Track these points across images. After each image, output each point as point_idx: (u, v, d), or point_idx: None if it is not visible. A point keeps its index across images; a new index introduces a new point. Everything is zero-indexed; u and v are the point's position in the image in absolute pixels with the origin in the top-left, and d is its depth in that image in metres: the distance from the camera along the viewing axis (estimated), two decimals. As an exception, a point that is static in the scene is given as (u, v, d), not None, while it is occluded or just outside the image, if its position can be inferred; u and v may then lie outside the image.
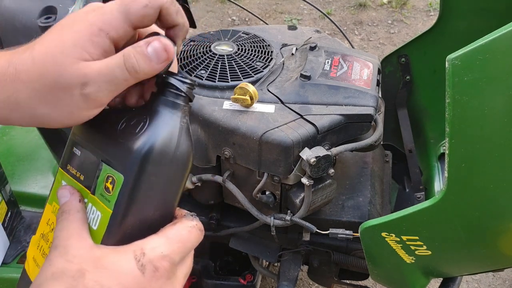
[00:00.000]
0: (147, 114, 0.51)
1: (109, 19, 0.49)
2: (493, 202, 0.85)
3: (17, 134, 1.65)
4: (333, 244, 1.27)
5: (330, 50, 1.23)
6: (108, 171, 0.50)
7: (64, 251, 0.48)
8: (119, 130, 0.51)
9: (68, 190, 0.54)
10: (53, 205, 0.56)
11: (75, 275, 0.46)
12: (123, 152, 0.50)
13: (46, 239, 0.55)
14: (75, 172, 0.54)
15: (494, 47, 0.69)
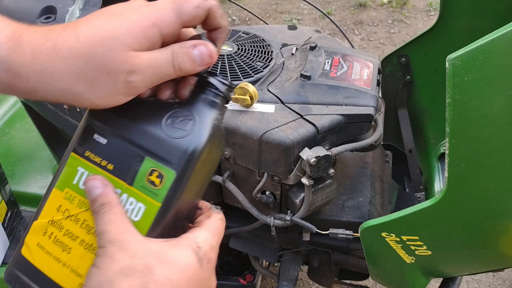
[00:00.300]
0: (193, 112, 0.53)
1: (162, 15, 0.51)
2: (493, 202, 0.85)
3: (17, 134, 1.65)
4: (333, 244, 1.27)
5: (330, 50, 1.23)
6: (153, 165, 0.52)
7: (123, 246, 0.49)
8: (165, 125, 0.52)
9: (100, 181, 0.53)
10: (65, 191, 0.54)
11: (144, 270, 0.48)
12: (173, 149, 0.52)
13: (59, 226, 0.54)
14: (99, 160, 0.54)
15: (494, 47, 0.69)
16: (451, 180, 0.82)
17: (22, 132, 1.66)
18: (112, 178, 0.53)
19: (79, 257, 0.53)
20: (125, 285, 0.47)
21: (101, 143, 0.54)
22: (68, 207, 0.54)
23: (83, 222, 0.54)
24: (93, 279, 0.48)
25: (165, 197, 0.52)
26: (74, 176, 0.54)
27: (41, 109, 1.29)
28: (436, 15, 1.36)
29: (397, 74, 1.48)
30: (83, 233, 0.53)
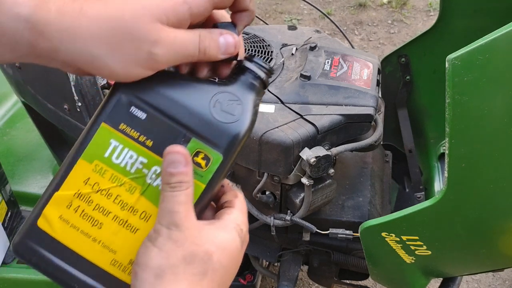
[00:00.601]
0: (238, 96, 0.53)
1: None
2: (493, 202, 0.85)
3: (18, 134, 1.65)
4: (333, 244, 1.27)
5: (330, 50, 1.23)
6: (200, 146, 0.51)
7: (188, 232, 0.49)
8: (212, 107, 0.52)
9: (185, 157, 0.50)
10: (94, 164, 0.52)
11: (204, 257, 0.48)
12: (222, 133, 0.52)
13: (88, 200, 0.52)
14: (136, 135, 0.51)
15: (494, 47, 0.69)
16: (451, 180, 0.82)
17: (22, 132, 1.66)
18: (151, 154, 0.52)
19: (113, 233, 0.52)
20: (189, 272, 0.47)
21: (139, 117, 0.51)
22: (98, 181, 0.52)
23: (116, 198, 0.52)
24: (155, 260, 0.48)
25: (210, 179, 0.52)
26: (106, 149, 0.51)
27: (42, 109, 1.29)
28: (436, 15, 1.36)
29: (397, 74, 1.48)
30: (117, 209, 0.52)
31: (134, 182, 0.52)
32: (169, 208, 0.49)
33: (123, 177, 0.52)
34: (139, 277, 0.48)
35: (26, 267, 1.31)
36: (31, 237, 0.53)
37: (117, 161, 0.51)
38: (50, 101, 1.22)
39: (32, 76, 1.23)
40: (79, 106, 1.14)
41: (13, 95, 1.70)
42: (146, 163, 0.52)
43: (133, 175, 0.52)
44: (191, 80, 0.53)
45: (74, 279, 0.52)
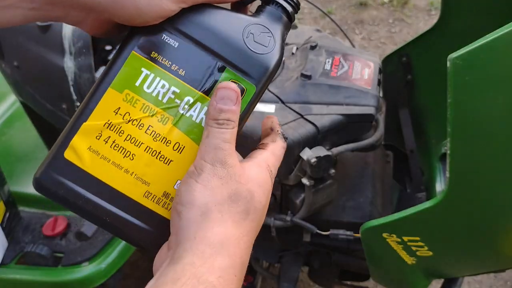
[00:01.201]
0: (269, 28, 0.53)
1: None
2: (494, 202, 0.85)
3: (16, 134, 1.65)
4: (333, 245, 1.27)
5: (330, 49, 1.22)
6: (234, 77, 0.51)
7: (233, 170, 0.48)
8: (245, 38, 0.51)
9: (237, 95, 0.50)
10: (125, 93, 0.50)
11: (248, 196, 0.48)
12: (257, 64, 0.52)
13: (119, 130, 0.50)
14: (168, 63, 0.50)
15: (495, 46, 0.68)
16: (453, 181, 0.81)
17: (20, 132, 1.65)
18: (184, 84, 0.51)
19: (145, 164, 0.51)
20: (233, 210, 0.47)
21: (171, 45, 0.50)
22: (129, 111, 0.50)
23: (148, 128, 0.50)
24: (200, 197, 0.46)
25: (243, 111, 0.52)
26: (137, 77, 0.50)
27: (40, 109, 1.29)
28: (437, 15, 1.36)
29: (398, 74, 1.47)
30: (149, 140, 0.51)
31: (167, 113, 0.50)
32: (214, 144, 0.48)
33: (155, 107, 0.50)
34: (183, 216, 0.46)
35: (24, 267, 1.30)
36: (58, 169, 0.51)
37: (148, 90, 0.50)
38: (49, 101, 1.22)
39: (30, 76, 1.23)
40: (78, 106, 1.14)
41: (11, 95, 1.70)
42: (179, 93, 0.51)
43: (166, 105, 0.50)
44: (223, 11, 0.52)
45: (105, 212, 0.51)
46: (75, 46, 1.06)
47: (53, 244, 1.33)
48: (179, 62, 0.50)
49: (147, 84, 0.50)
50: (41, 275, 1.28)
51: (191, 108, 0.51)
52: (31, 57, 1.16)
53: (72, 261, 1.27)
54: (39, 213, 1.44)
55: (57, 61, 1.09)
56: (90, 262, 1.27)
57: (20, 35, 1.16)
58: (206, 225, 0.45)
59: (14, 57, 1.21)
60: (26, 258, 1.30)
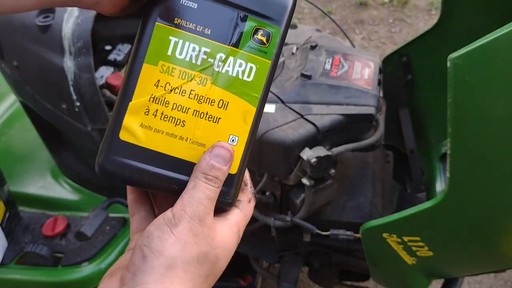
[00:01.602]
0: None
1: None
2: (495, 202, 0.85)
3: (16, 134, 1.65)
4: (333, 245, 1.27)
5: (330, 49, 1.22)
6: (258, 23, 0.52)
7: (207, 231, 0.49)
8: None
9: (231, 156, 0.52)
10: (160, 65, 0.51)
11: (213, 260, 0.49)
12: (275, 5, 0.52)
13: (164, 102, 0.52)
14: (193, 26, 0.51)
15: (495, 46, 0.68)
16: (453, 180, 0.81)
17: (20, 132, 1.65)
18: (212, 42, 0.51)
19: (197, 127, 0.52)
20: (197, 272, 0.48)
21: (191, 7, 0.51)
22: (168, 80, 0.51)
23: (190, 93, 0.52)
24: (170, 249, 0.47)
25: (274, 54, 0.53)
26: (167, 47, 0.51)
27: (40, 109, 1.29)
28: (437, 15, 1.36)
29: (398, 74, 1.47)
30: (194, 104, 0.52)
31: (203, 74, 0.52)
32: (198, 198, 0.49)
33: (191, 71, 0.51)
34: (148, 261, 0.46)
35: (24, 267, 1.30)
36: (117, 152, 0.52)
37: (181, 56, 0.51)
38: (49, 101, 1.22)
39: (30, 76, 1.23)
40: (78, 106, 1.14)
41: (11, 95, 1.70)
42: (210, 52, 0.51)
43: (201, 67, 0.51)
44: None
45: (173, 181, 0.52)
46: (74, 46, 1.06)
47: (53, 244, 1.33)
48: (203, 22, 0.51)
49: (178, 51, 0.51)
50: (41, 275, 1.28)
51: (225, 64, 0.52)
52: (31, 57, 1.16)
53: (72, 261, 1.27)
54: (39, 213, 1.44)
55: (57, 61, 1.09)
56: (90, 262, 1.27)
57: (20, 35, 1.16)
58: (168, 280, 0.46)
59: (14, 57, 1.21)
60: (26, 258, 1.30)
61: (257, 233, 1.30)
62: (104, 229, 1.31)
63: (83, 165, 1.46)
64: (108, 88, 1.17)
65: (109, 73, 1.21)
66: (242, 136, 0.53)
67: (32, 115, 1.42)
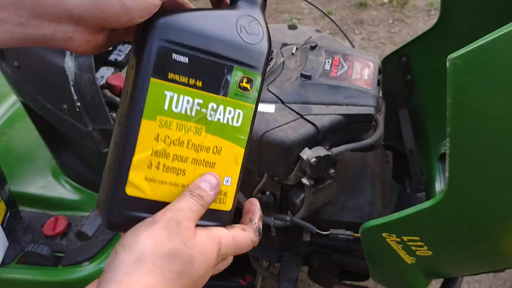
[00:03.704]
0: (253, 16, 0.57)
1: None
2: (494, 202, 0.85)
3: (16, 134, 1.65)
4: (333, 245, 1.27)
5: (330, 49, 1.23)
6: (243, 72, 0.56)
7: (183, 232, 0.50)
8: (241, 34, 0.55)
9: (218, 185, 0.56)
10: (158, 120, 0.53)
11: (187, 259, 0.49)
12: (256, 54, 0.56)
13: (165, 154, 0.54)
14: (185, 79, 0.53)
15: (495, 46, 0.68)
16: (452, 180, 0.81)
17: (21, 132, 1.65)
18: (204, 93, 0.54)
19: (196, 174, 0.56)
20: (167, 267, 0.48)
21: (183, 62, 0.53)
22: (167, 134, 0.54)
23: (188, 143, 0.55)
24: (141, 244, 0.48)
25: (256, 98, 0.57)
26: (164, 101, 0.53)
27: (40, 109, 1.29)
28: (437, 15, 1.36)
29: (398, 74, 1.48)
30: (192, 153, 0.55)
31: (198, 124, 0.54)
32: (180, 206, 0.52)
33: (187, 123, 0.54)
34: (118, 256, 0.47)
35: (25, 267, 1.30)
36: (124, 205, 0.54)
37: (177, 110, 0.53)
38: (49, 101, 1.22)
39: (31, 76, 1.23)
40: (78, 106, 1.14)
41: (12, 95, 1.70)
42: (202, 103, 0.54)
43: (196, 117, 0.54)
44: (210, 12, 0.55)
45: None
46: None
47: (54, 243, 1.33)
48: (195, 75, 0.53)
49: (174, 104, 0.53)
50: (42, 274, 1.28)
51: (217, 112, 0.55)
52: (32, 57, 1.16)
53: (73, 260, 1.27)
54: (40, 212, 1.44)
55: (58, 61, 1.09)
56: (91, 262, 1.27)
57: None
58: (136, 272, 0.46)
59: (14, 57, 1.21)
60: (26, 258, 1.30)
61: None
62: (105, 229, 1.32)
63: (84, 165, 1.46)
64: (109, 88, 1.17)
65: (110, 73, 1.21)
66: (234, 176, 0.58)
67: (32, 115, 1.42)
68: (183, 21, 0.52)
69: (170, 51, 0.52)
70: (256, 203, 0.61)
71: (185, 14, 0.52)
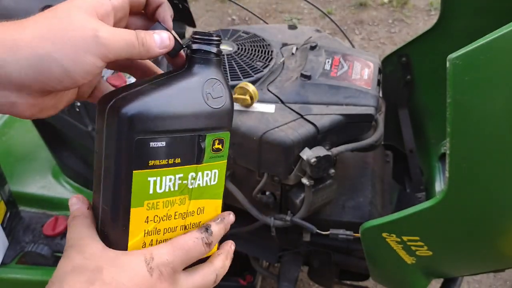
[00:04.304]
0: (212, 76, 0.58)
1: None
2: (494, 202, 0.85)
3: (16, 134, 1.65)
4: (333, 245, 1.27)
5: (330, 49, 1.23)
6: (214, 136, 0.58)
7: (81, 250, 0.52)
8: (207, 101, 0.57)
9: (79, 198, 0.58)
10: (145, 205, 0.55)
11: (94, 270, 0.50)
12: (223, 116, 0.58)
13: (156, 231, 0.57)
14: (164, 162, 0.55)
15: (494, 46, 0.68)
16: (452, 180, 0.81)
17: (21, 132, 1.65)
18: (183, 168, 0.56)
19: None
20: (75, 280, 0.49)
21: (160, 147, 0.54)
22: (156, 213, 0.56)
23: (175, 215, 0.57)
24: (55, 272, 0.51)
25: (227, 153, 0.60)
26: (148, 187, 0.55)
27: (41, 109, 1.29)
28: (437, 15, 1.36)
29: (398, 74, 1.48)
30: (180, 221, 0.58)
31: (181, 195, 0.57)
32: (68, 237, 0.54)
33: (172, 198, 0.56)
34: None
35: (25, 267, 1.30)
36: None
37: (161, 190, 0.55)
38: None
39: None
40: (78, 106, 1.14)
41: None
42: (183, 176, 0.56)
43: (179, 191, 0.56)
44: (173, 86, 0.56)
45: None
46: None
47: (54, 243, 1.33)
48: (173, 155, 0.55)
49: (158, 187, 0.55)
50: (42, 274, 1.28)
51: (196, 180, 0.58)
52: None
53: (73, 260, 1.27)
54: (40, 213, 1.45)
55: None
56: (91, 262, 1.27)
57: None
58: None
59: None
60: (26, 258, 1.30)
61: (257, 233, 1.31)
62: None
63: (84, 165, 1.47)
64: (109, 88, 1.17)
65: (110, 74, 1.21)
66: None
67: (32, 115, 1.42)
68: (154, 108, 0.52)
69: (147, 141, 0.53)
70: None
71: (153, 97, 0.53)
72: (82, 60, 0.48)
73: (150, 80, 0.56)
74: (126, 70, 0.65)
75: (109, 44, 0.50)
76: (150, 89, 0.54)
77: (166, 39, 0.56)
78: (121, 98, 0.52)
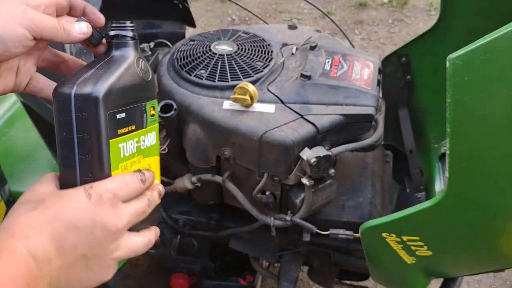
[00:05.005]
0: (140, 57, 0.72)
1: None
2: (494, 202, 0.85)
3: (17, 134, 1.65)
4: (333, 245, 1.27)
5: (330, 49, 1.23)
6: (150, 103, 0.73)
7: (32, 189, 0.65)
8: (143, 76, 0.71)
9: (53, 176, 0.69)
10: (120, 168, 0.68)
11: (38, 200, 0.61)
12: (152, 86, 0.74)
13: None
14: (127, 129, 0.68)
15: (494, 46, 0.68)
16: (452, 180, 0.81)
17: (21, 132, 1.65)
18: (138, 133, 0.71)
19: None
20: (22, 207, 0.61)
21: (123, 117, 0.67)
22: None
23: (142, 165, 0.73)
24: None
25: (158, 117, 0.77)
26: (120, 153, 0.67)
27: (41, 109, 1.29)
28: (437, 15, 1.36)
29: (398, 74, 1.48)
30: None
31: (139, 155, 0.71)
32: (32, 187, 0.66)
33: (135, 158, 0.71)
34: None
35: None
36: None
37: (128, 153, 0.69)
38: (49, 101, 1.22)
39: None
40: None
41: (12, 95, 1.70)
42: (138, 140, 0.71)
43: (137, 152, 0.71)
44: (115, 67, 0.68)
45: None
46: (75, 46, 1.06)
47: (54, 243, 1.32)
48: (130, 122, 0.69)
49: (125, 150, 0.69)
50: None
51: (145, 142, 0.73)
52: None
53: (73, 260, 1.27)
54: (40, 213, 1.44)
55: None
56: (91, 262, 1.27)
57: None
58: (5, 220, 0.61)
59: (14, 57, 1.21)
60: (26, 258, 1.29)
61: (257, 233, 1.31)
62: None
63: (84, 165, 1.46)
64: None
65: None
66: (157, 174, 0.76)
67: (33, 115, 1.42)
68: (114, 86, 0.65)
69: (114, 114, 0.65)
70: None
71: (110, 79, 0.65)
72: (12, 29, 0.59)
73: (90, 67, 0.68)
74: (56, 67, 0.77)
75: (35, 20, 0.61)
76: (102, 73, 0.66)
77: (85, 27, 0.69)
78: (83, 84, 0.63)
